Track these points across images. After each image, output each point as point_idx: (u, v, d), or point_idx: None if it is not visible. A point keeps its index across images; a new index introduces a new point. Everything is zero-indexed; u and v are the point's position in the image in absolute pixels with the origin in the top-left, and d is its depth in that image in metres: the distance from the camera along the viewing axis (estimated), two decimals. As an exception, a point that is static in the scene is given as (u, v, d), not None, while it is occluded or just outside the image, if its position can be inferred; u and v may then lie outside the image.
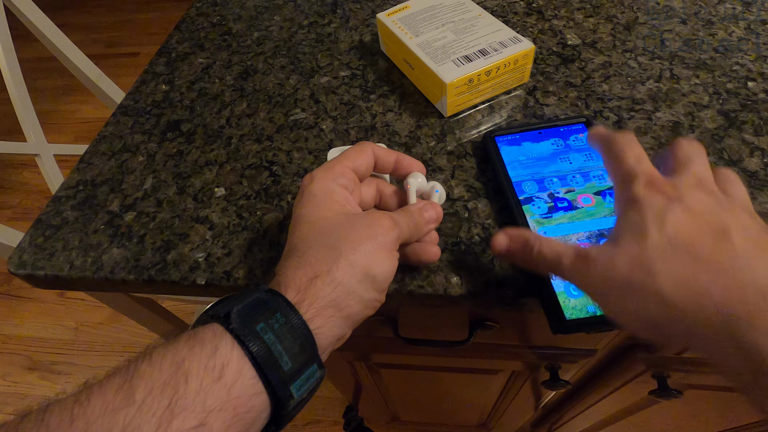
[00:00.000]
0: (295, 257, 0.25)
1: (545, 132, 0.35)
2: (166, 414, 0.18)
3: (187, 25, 0.55)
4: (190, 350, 0.20)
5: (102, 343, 1.28)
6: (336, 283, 0.23)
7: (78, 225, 0.37)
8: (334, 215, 0.26)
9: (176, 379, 0.19)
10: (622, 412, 0.63)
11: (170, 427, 0.18)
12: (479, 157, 0.37)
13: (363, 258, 0.24)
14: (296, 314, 0.22)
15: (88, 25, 2.30)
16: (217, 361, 0.20)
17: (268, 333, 0.21)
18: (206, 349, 0.20)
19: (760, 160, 0.34)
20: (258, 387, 0.20)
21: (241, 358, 0.20)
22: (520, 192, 0.32)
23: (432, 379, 0.65)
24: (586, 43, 0.44)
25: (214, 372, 0.19)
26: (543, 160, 0.34)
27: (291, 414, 0.22)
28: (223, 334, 0.21)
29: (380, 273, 0.25)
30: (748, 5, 0.45)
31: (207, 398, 0.19)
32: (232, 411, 0.19)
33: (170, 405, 0.18)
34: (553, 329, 0.27)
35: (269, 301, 0.22)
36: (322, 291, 0.23)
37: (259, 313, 0.21)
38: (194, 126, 0.43)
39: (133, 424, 0.18)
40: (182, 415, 0.18)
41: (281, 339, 0.21)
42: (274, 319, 0.21)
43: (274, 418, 0.22)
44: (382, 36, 0.46)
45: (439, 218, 0.29)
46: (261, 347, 0.20)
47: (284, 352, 0.21)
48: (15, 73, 0.74)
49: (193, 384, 0.19)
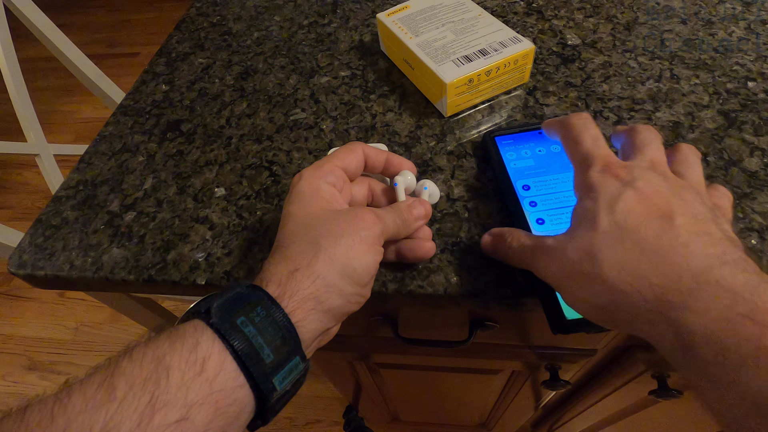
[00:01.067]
0: (278, 253, 0.25)
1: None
2: (147, 409, 0.18)
3: (187, 25, 0.55)
4: (170, 346, 0.20)
5: (102, 343, 1.28)
6: (315, 276, 0.23)
7: (78, 225, 0.37)
8: (319, 211, 0.26)
9: (157, 374, 0.19)
10: (622, 412, 0.63)
11: (152, 422, 0.18)
12: (479, 157, 0.37)
13: (343, 252, 0.24)
14: (277, 308, 0.22)
15: (88, 25, 2.30)
16: (198, 356, 0.20)
17: (248, 326, 0.21)
18: (187, 344, 0.20)
19: (760, 160, 0.34)
20: (240, 380, 0.20)
21: (222, 351, 0.20)
22: (519, 192, 0.32)
23: (432, 379, 0.65)
24: (586, 43, 0.44)
25: (196, 366, 0.19)
26: (543, 159, 0.34)
27: (276, 407, 0.22)
28: (204, 329, 0.21)
29: (361, 267, 0.25)
30: (748, 5, 0.45)
31: (189, 392, 0.19)
32: (214, 404, 0.19)
33: (151, 400, 0.18)
34: (553, 329, 0.27)
35: (250, 296, 0.22)
36: (302, 284, 0.23)
37: (240, 307, 0.22)
38: (194, 126, 0.43)
39: (114, 420, 0.17)
40: (164, 410, 0.18)
41: (262, 332, 0.21)
42: (255, 312, 0.21)
43: (259, 412, 0.22)
44: (382, 36, 0.46)
45: (428, 215, 0.30)
46: (242, 340, 0.20)
47: (265, 344, 0.21)
48: (15, 73, 0.74)
49: (174, 379, 0.19)
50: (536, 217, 0.31)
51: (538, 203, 0.31)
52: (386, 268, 0.31)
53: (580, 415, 0.70)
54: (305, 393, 1.17)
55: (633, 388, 0.52)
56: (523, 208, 0.31)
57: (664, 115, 0.37)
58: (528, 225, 0.30)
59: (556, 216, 0.30)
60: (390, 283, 0.31)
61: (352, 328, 0.49)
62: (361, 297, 0.26)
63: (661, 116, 0.37)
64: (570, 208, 0.29)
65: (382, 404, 0.84)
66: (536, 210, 0.31)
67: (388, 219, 0.27)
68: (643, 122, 0.37)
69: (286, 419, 1.14)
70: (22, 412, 0.18)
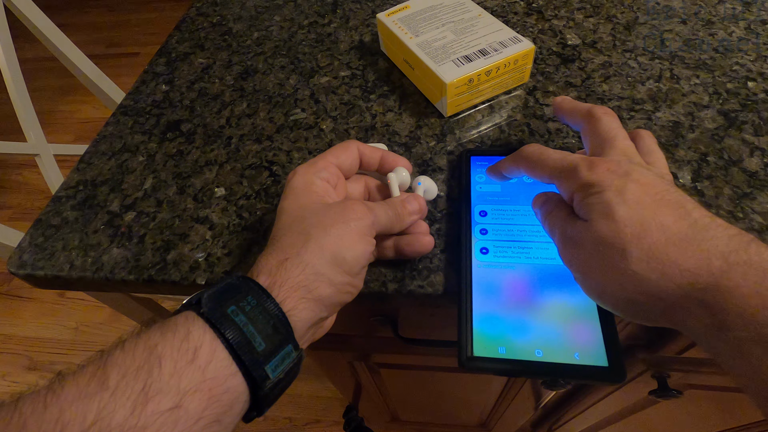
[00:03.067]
0: (270, 245, 0.25)
1: None
2: (140, 397, 0.18)
3: (187, 25, 0.55)
4: (162, 336, 0.20)
5: (102, 343, 1.28)
6: (304, 264, 0.24)
7: (78, 225, 0.37)
8: (311, 204, 0.26)
9: (150, 363, 0.19)
10: (622, 412, 0.63)
11: (145, 409, 0.18)
12: (451, 170, 0.36)
13: (333, 241, 0.24)
14: (268, 297, 0.22)
15: (88, 25, 2.30)
16: (190, 344, 0.20)
17: (239, 315, 0.21)
18: (179, 333, 0.20)
19: (760, 160, 0.34)
20: (232, 368, 0.20)
21: (214, 339, 0.20)
22: (474, 217, 0.31)
23: (432, 379, 0.65)
24: (586, 43, 0.44)
25: (188, 354, 0.20)
26: (511, 188, 0.32)
27: (270, 396, 0.22)
28: (195, 319, 0.21)
29: (351, 256, 0.25)
30: (748, 5, 0.45)
31: (181, 380, 0.19)
32: (207, 392, 0.19)
33: (144, 388, 0.18)
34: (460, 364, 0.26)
35: (240, 286, 0.23)
36: (291, 272, 0.23)
37: (230, 296, 0.22)
38: (194, 126, 0.43)
39: (108, 408, 0.18)
40: (157, 398, 0.18)
41: (253, 320, 0.21)
42: (246, 302, 0.22)
43: (254, 401, 0.22)
44: (382, 36, 0.46)
45: (422, 209, 0.30)
46: (233, 329, 0.21)
47: (257, 333, 0.21)
48: (15, 73, 0.74)
49: (166, 367, 0.19)
50: (481, 246, 0.30)
51: (488, 231, 0.30)
52: (386, 268, 0.31)
53: (580, 415, 0.70)
54: (305, 393, 1.17)
55: (633, 388, 0.52)
56: (472, 233, 0.30)
57: (664, 115, 0.37)
58: (471, 251, 0.30)
59: (501, 249, 0.30)
60: (390, 283, 0.31)
61: (352, 328, 0.49)
62: (352, 287, 0.26)
63: (661, 116, 0.37)
64: (519, 243, 0.29)
65: (382, 404, 0.84)
66: (485, 238, 0.30)
67: (379, 211, 0.27)
68: (642, 122, 0.37)
69: (286, 419, 1.14)
70: (15, 403, 0.18)
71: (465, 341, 0.26)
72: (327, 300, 0.25)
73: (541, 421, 0.83)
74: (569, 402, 0.67)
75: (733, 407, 0.54)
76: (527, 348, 0.26)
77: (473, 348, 0.26)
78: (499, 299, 0.27)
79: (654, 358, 0.44)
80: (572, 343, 0.25)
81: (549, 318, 0.26)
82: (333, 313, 0.27)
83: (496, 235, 0.30)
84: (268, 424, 1.14)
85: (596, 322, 0.26)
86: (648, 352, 0.44)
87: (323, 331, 0.27)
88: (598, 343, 0.25)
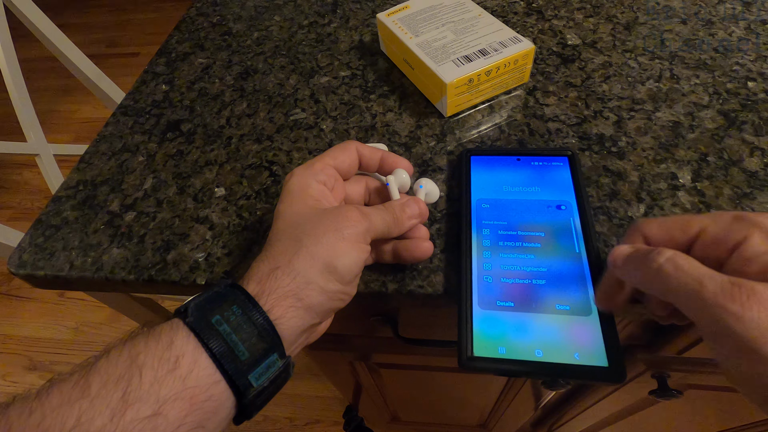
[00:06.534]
0: (264, 251, 0.25)
1: (523, 160, 0.34)
2: (119, 405, 0.19)
3: (187, 25, 0.55)
4: (146, 344, 0.21)
5: (102, 343, 1.28)
6: (295, 273, 0.24)
7: (78, 225, 0.37)
8: (306, 210, 0.26)
9: (130, 372, 0.20)
10: (622, 412, 0.63)
11: (124, 417, 0.18)
12: (450, 170, 0.36)
13: (324, 249, 0.24)
14: (255, 306, 0.22)
15: (88, 25, 2.30)
16: (172, 353, 0.20)
17: (223, 324, 0.21)
18: (162, 342, 0.21)
19: (760, 160, 0.34)
20: (216, 376, 0.21)
21: (196, 348, 0.21)
22: (475, 217, 0.31)
23: (432, 379, 0.65)
24: (586, 43, 0.44)
25: (169, 363, 0.20)
26: (511, 188, 0.32)
27: (256, 403, 0.22)
28: (179, 327, 0.21)
29: (343, 265, 0.25)
30: (748, 5, 0.45)
31: (161, 389, 0.19)
32: (189, 400, 0.20)
33: (124, 396, 0.19)
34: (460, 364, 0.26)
35: (227, 294, 0.23)
36: (282, 281, 0.23)
37: (216, 305, 0.22)
38: (194, 126, 0.43)
39: (87, 414, 0.18)
40: (136, 406, 0.19)
41: (237, 330, 0.21)
42: (231, 311, 0.22)
43: (241, 408, 0.22)
44: (382, 36, 0.46)
45: (423, 214, 0.29)
46: (216, 338, 0.21)
47: (240, 342, 0.21)
48: (15, 73, 0.74)
49: (147, 376, 0.19)
50: (481, 246, 0.29)
51: (489, 231, 0.30)
52: (386, 268, 0.31)
53: (580, 415, 0.70)
54: (305, 393, 1.17)
55: (633, 388, 0.52)
56: (472, 233, 0.30)
57: (664, 115, 0.37)
58: (471, 251, 0.29)
59: (501, 248, 0.29)
60: (390, 283, 0.31)
61: (352, 328, 0.49)
62: (345, 294, 0.26)
63: (661, 116, 0.37)
64: (519, 243, 0.29)
65: (382, 404, 0.84)
66: (485, 238, 0.30)
67: (375, 217, 0.27)
68: (642, 122, 0.37)
69: (286, 419, 1.14)
70: (6, 407, 0.19)
71: (465, 341, 0.26)
72: (318, 307, 0.24)
73: (541, 421, 0.83)
74: (569, 402, 0.67)
75: (733, 407, 0.54)
76: (527, 348, 0.25)
77: (473, 348, 0.26)
78: (499, 299, 0.27)
79: (654, 358, 0.44)
80: (572, 343, 0.25)
81: (549, 318, 0.26)
82: (326, 319, 0.27)
83: (496, 235, 0.30)
84: (268, 424, 1.14)
85: (596, 322, 0.26)
86: (648, 352, 0.44)
87: (317, 335, 0.27)
88: (598, 343, 0.25)
